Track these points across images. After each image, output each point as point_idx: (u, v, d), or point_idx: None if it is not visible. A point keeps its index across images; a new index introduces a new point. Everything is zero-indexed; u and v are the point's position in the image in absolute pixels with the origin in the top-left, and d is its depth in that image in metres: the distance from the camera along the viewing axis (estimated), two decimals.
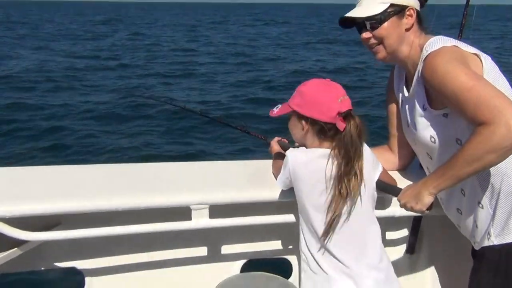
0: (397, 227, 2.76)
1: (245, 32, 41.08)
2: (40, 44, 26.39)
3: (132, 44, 27.50)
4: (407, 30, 2.07)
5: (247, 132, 2.69)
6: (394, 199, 2.29)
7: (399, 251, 2.80)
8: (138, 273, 2.54)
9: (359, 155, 1.89)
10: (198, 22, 58.05)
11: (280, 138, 2.44)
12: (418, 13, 2.09)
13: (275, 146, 2.40)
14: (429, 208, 1.94)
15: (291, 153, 2.01)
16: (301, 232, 2.04)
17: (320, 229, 1.93)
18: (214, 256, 2.62)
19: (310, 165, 1.94)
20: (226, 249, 2.63)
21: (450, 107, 1.89)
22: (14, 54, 22.08)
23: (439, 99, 1.94)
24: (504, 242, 1.95)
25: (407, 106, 2.19)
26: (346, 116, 1.89)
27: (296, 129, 2.02)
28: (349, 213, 1.92)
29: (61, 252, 2.43)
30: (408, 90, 2.19)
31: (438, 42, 1.95)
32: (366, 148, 2.00)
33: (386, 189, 2.14)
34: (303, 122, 1.97)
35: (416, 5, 2.09)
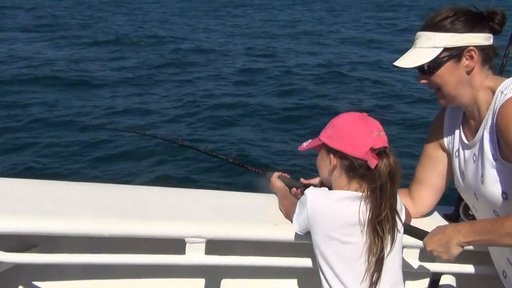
0: (414, 281, 2.53)
1: None
2: None
3: None
4: (469, 72, 1.85)
5: (242, 166, 2.49)
6: (413, 250, 2.13)
7: None
8: None
9: (390, 197, 1.70)
10: None
11: (280, 173, 2.28)
12: (485, 50, 1.85)
13: (277, 182, 2.24)
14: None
15: (311, 192, 1.82)
16: (325, 282, 1.82)
17: (347, 281, 1.75)
18: None
19: (333, 208, 1.76)
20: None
21: None
22: None
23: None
24: None
25: (466, 153, 1.98)
26: (380, 153, 1.71)
27: (324, 164, 1.84)
28: (380, 264, 1.74)
29: (34, 279, 2.24)
30: (466, 135, 1.99)
31: None
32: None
33: (411, 231, 1.96)
34: (331, 156, 1.79)
35: (483, 40, 1.84)
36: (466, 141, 1.98)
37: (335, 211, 1.74)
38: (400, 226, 1.82)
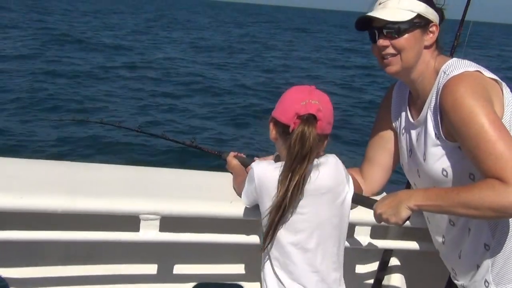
0: (365, 260, 2.60)
1: None
2: None
3: None
4: (426, 47, 1.90)
5: (198, 148, 2.48)
6: (363, 228, 2.16)
7: (365, 287, 2.61)
8: None
9: (298, 163, 1.69)
10: None
11: (236, 153, 2.29)
12: (439, 31, 1.92)
13: (233, 161, 2.26)
14: (404, 222, 1.84)
15: (257, 164, 1.85)
16: (266, 255, 1.84)
17: (284, 251, 1.79)
18: (163, 276, 2.38)
19: (276, 177, 1.75)
20: (177, 268, 2.39)
21: (462, 147, 1.77)
22: None
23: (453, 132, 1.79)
24: None
25: (412, 132, 2.02)
26: (304, 120, 1.70)
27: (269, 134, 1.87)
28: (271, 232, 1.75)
29: None
30: (412, 114, 2.03)
31: (459, 65, 1.82)
32: (333, 160, 1.84)
33: (358, 200, 1.97)
34: (271, 124, 1.83)
35: (438, 22, 1.91)
36: (411, 120, 2.02)
37: (276, 179, 1.74)
38: (337, 196, 1.83)
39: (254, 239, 2.07)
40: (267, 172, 1.79)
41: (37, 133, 9.68)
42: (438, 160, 1.87)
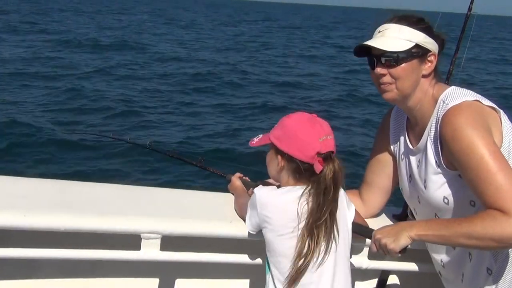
0: (363, 279, 2.62)
1: None
2: None
3: None
4: (424, 76, 1.92)
5: (204, 168, 2.50)
6: (361, 248, 2.18)
7: None
8: None
9: (331, 202, 1.75)
10: None
11: (241, 175, 2.29)
12: (437, 60, 1.94)
13: (236, 182, 2.25)
14: (402, 252, 1.84)
15: (259, 191, 1.85)
16: (270, 278, 1.85)
17: (288, 277, 1.77)
18: None
19: (280, 205, 1.79)
20: (178, 284, 2.43)
21: (463, 176, 1.79)
22: None
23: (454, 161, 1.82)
24: None
25: (412, 158, 2.04)
26: (326, 158, 1.74)
27: (272, 163, 1.87)
28: (319, 263, 1.76)
29: None
30: (411, 140, 2.05)
31: (458, 94, 1.84)
32: (341, 191, 1.86)
33: (357, 230, 1.99)
34: (279, 157, 1.82)
35: (437, 51, 1.93)
36: (411, 147, 2.04)
37: (283, 207, 1.77)
38: (345, 226, 1.86)
39: (255, 258, 2.10)
40: (268, 198, 1.81)
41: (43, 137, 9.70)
42: (439, 188, 1.88)
